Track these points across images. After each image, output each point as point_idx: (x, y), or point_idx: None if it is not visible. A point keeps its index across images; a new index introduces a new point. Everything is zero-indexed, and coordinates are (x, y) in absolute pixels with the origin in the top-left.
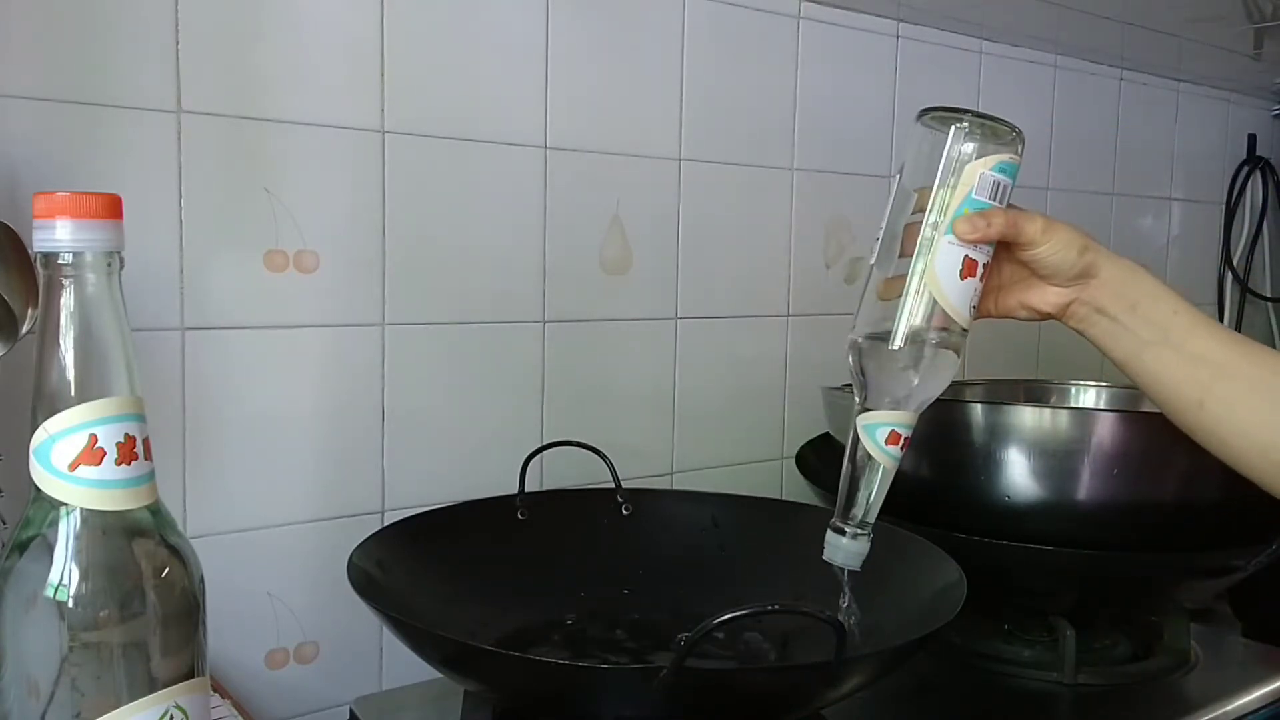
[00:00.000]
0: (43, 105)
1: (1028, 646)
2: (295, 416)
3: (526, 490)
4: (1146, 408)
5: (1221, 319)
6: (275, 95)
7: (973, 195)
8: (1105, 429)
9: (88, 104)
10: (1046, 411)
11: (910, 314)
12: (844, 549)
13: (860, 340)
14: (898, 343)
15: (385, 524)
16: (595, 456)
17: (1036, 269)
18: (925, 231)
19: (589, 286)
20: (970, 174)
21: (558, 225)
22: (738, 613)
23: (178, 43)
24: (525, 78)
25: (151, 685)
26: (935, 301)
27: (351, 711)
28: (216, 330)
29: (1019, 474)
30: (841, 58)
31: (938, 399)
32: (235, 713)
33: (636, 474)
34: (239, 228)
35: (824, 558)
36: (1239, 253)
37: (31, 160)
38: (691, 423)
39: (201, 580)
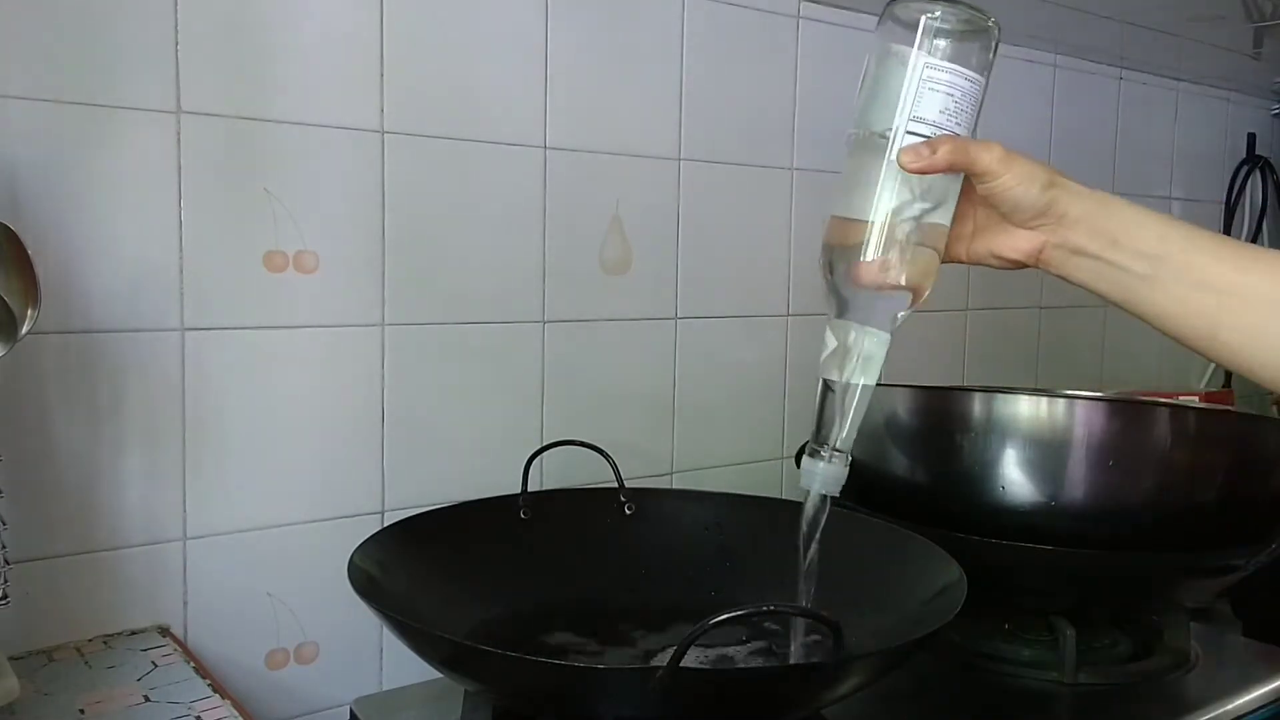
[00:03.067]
0: (43, 105)
1: (1028, 646)
2: (295, 416)
3: (528, 490)
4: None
5: None
6: (275, 95)
7: (917, 114)
8: (1099, 418)
9: (88, 104)
10: (1042, 400)
11: (879, 226)
12: (821, 474)
13: (829, 250)
14: (869, 255)
15: (385, 524)
16: (596, 456)
17: (998, 205)
18: (887, 144)
19: (589, 286)
20: (923, 84)
21: (558, 225)
22: (736, 613)
23: (177, 43)
24: (525, 78)
25: None
26: (903, 218)
27: (351, 711)
28: (216, 330)
29: (1012, 464)
30: (841, 58)
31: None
32: (235, 713)
33: (636, 474)
34: (239, 228)
35: (801, 485)
36: None
37: (31, 160)
38: (691, 423)
39: None
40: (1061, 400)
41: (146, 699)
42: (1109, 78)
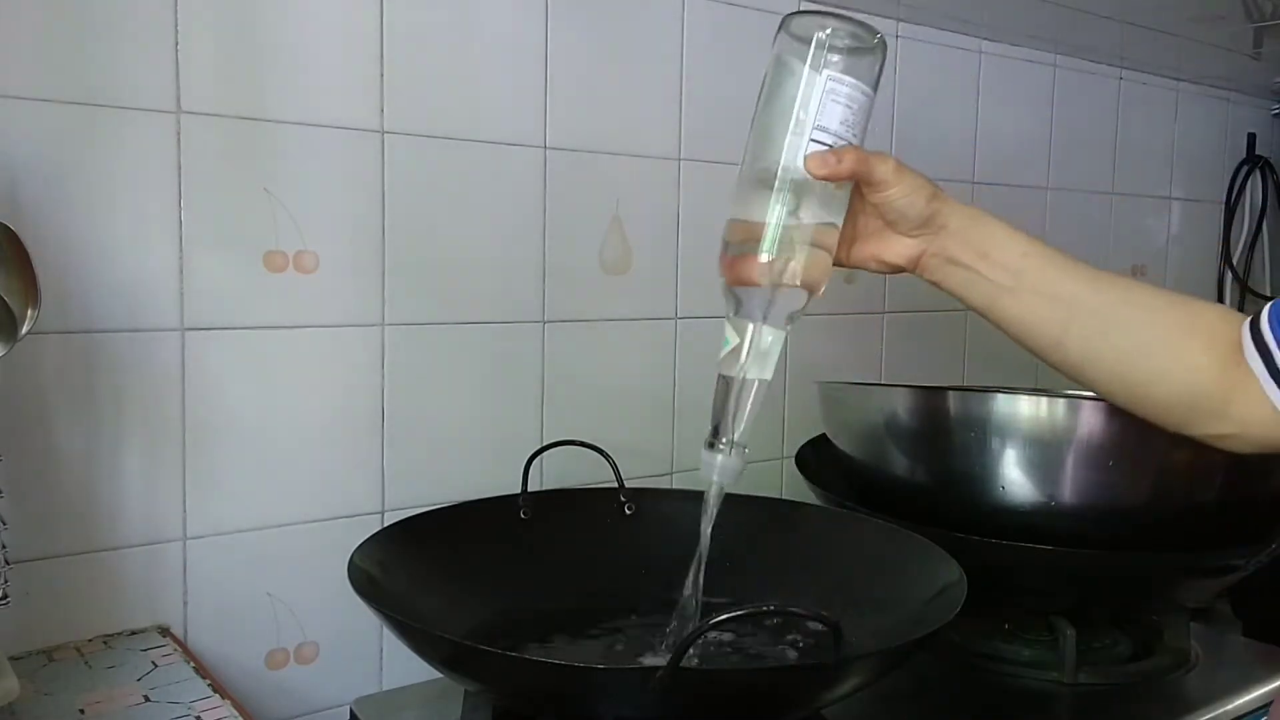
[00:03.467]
0: (43, 105)
1: (1028, 646)
2: (295, 416)
3: (528, 490)
4: None
5: None
6: (275, 95)
7: (820, 123)
8: (1099, 418)
9: (88, 104)
10: (1042, 400)
11: (774, 228)
12: (719, 466)
13: (726, 250)
14: (763, 256)
15: (385, 524)
16: (596, 456)
17: (885, 213)
18: (785, 151)
19: (589, 286)
20: (826, 96)
21: (558, 225)
22: (735, 613)
23: (177, 43)
24: (525, 78)
25: None
26: (799, 221)
27: (351, 711)
28: (216, 330)
29: (1012, 464)
30: None
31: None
32: (235, 713)
33: (636, 474)
34: (239, 228)
35: (701, 476)
36: (1238, 252)
37: (31, 160)
38: (691, 423)
39: None
40: (1061, 400)
41: (146, 699)
42: (1109, 78)
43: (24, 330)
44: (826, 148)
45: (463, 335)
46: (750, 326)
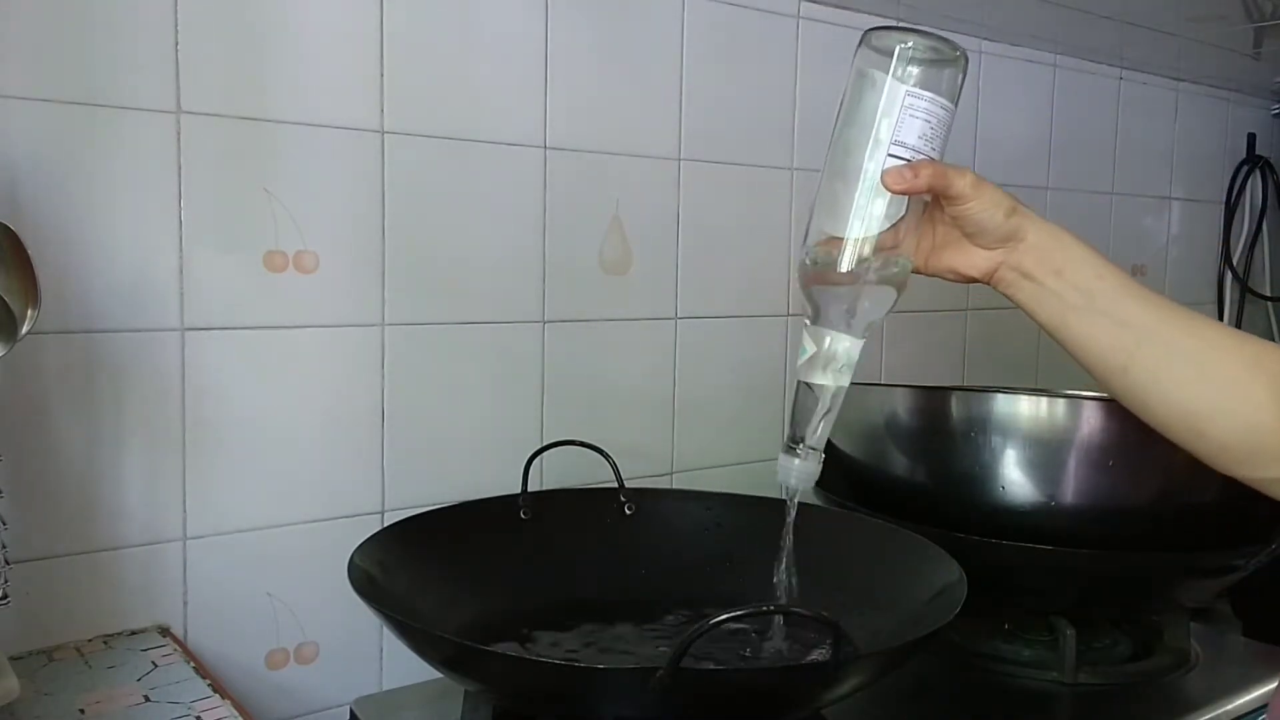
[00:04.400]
0: (43, 105)
1: (1028, 646)
2: (295, 417)
3: (528, 490)
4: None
5: (1221, 318)
6: (275, 95)
7: (899, 139)
8: (1099, 418)
9: (88, 104)
10: (1042, 400)
11: (856, 240)
12: (796, 470)
13: (808, 261)
14: (844, 266)
15: (385, 524)
16: (596, 456)
17: (964, 226)
18: (866, 165)
19: (589, 286)
20: (905, 110)
21: (558, 225)
22: (735, 613)
23: (177, 43)
24: (525, 78)
25: None
26: (877, 231)
27: (351, 711)
28: (216, 330)
29: (1012, 464)
30: (841, 58)
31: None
32: (235, 713)
33: (636, 474)
34: (239, 228)
35: (778, 480)
36: (1239, 252)
37: (31, 160)
38: (691, 423)
39: None
40: (1061, 400)
41: (146, 699)
42: (1109, 78)
43: (24, 330)
44: (904, 162)
45: (463, 335)
46: (829, 335)
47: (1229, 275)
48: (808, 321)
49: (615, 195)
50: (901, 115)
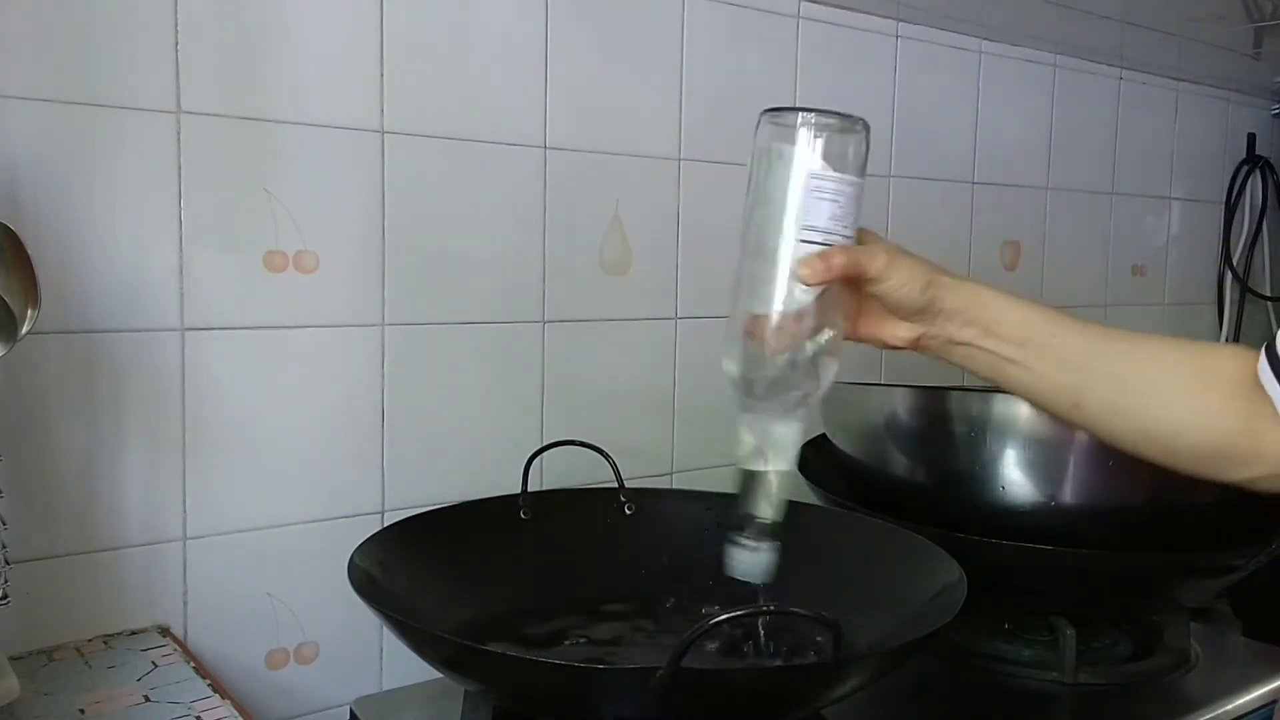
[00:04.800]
0: (43, 105)
1: (1028, 646)
2: (295, 417)
3: (528, 490)
4: None
5: (1221, 318)
6: (275, 95)
7: (808, 223)
8: None
9: (88, 104)
10: None
11: (783, 315)
12: (750, 564)
13: (735, 349)
14: (775, 344)
15: (385, 524)
16: (596, 456)
17: (883, 302)
18: (781, 247)
19: (589, 286)
20: (811, 194)
21: (558, 225)
22: (737, 612)
23: (177, 43)
24: (525, 78)
25: None
26: (801, 315)
27: (351, 711)
28: (216, 330)
29: (1012, 464)
30: (841, 57)
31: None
32: (235, 713)
33: (636, 474)
34: (239, 228)
35: (728, 572)
36: (1239, 252)
37: (31, 160)
38: (691, 423)
39: None
40: None
41: (146, 699)
42: (1109, 78)
43: (24, 330)
44: (818, 246)
45: (463, 335)
46: (766, 422)
47: (1229, 275)
48: (742, 412)
49: (615, 195)
50: (807, 199)
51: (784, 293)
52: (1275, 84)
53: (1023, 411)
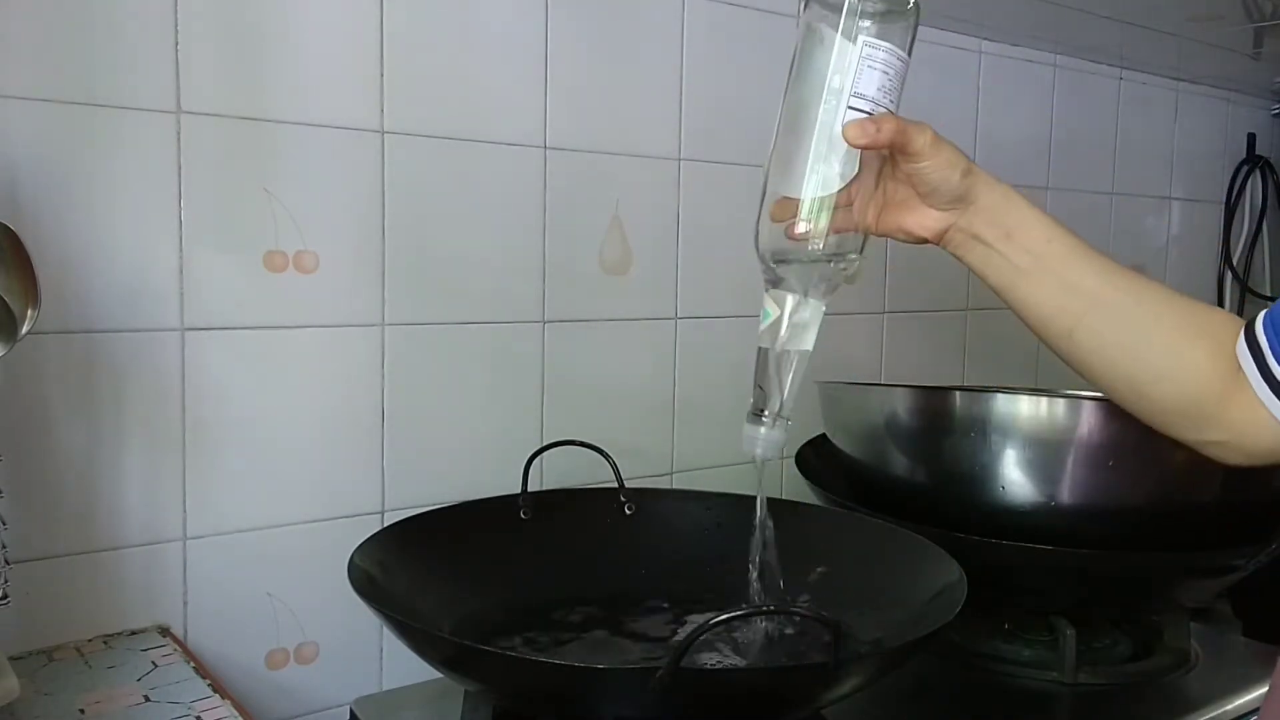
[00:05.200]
0: (43, 105)
1: (1028, 646)
2: (295, 416)
3: (528, 490)
4: None
5: None
6: (275, 95)
7: (858, 90)
8: (1099, 418)
9: (88, 104)
10: (1042, 400)
11: (812, 200)
12: (762, 439)
13: (762, 226)
14: (801, 228)
15: (385, 524)
16: (596, 456)
17: (918, 185)
18: (822, 120)
19: (589, 286)
20: (863, 61)
21: (558, 225)
22: (737, 613)
23: (177, 43)
24: (525, 78)
25: None
26: (834, 190)
27: (351, 711)
28: (216, 330)
29: (1012, 464)
30: None
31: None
32: (235, 713)
33: (636, 474)
34: (239, 228)
35: (744, 449)
36: (1239, 252)
37: (31, 160)
38: (691, 423)
39: None
40: (1061, 400)
41: (146, 699)
42: (1109, 78)
43: (24, 330)
44: (865, 115)
45: (463, 335)
46: (790, 298)
47: (1229, 275)
48: (767, 288)
49: (615, 195)
50: (860, 66)
51: (819, 171)
52: (1275, 84)
53: (1023, 411)
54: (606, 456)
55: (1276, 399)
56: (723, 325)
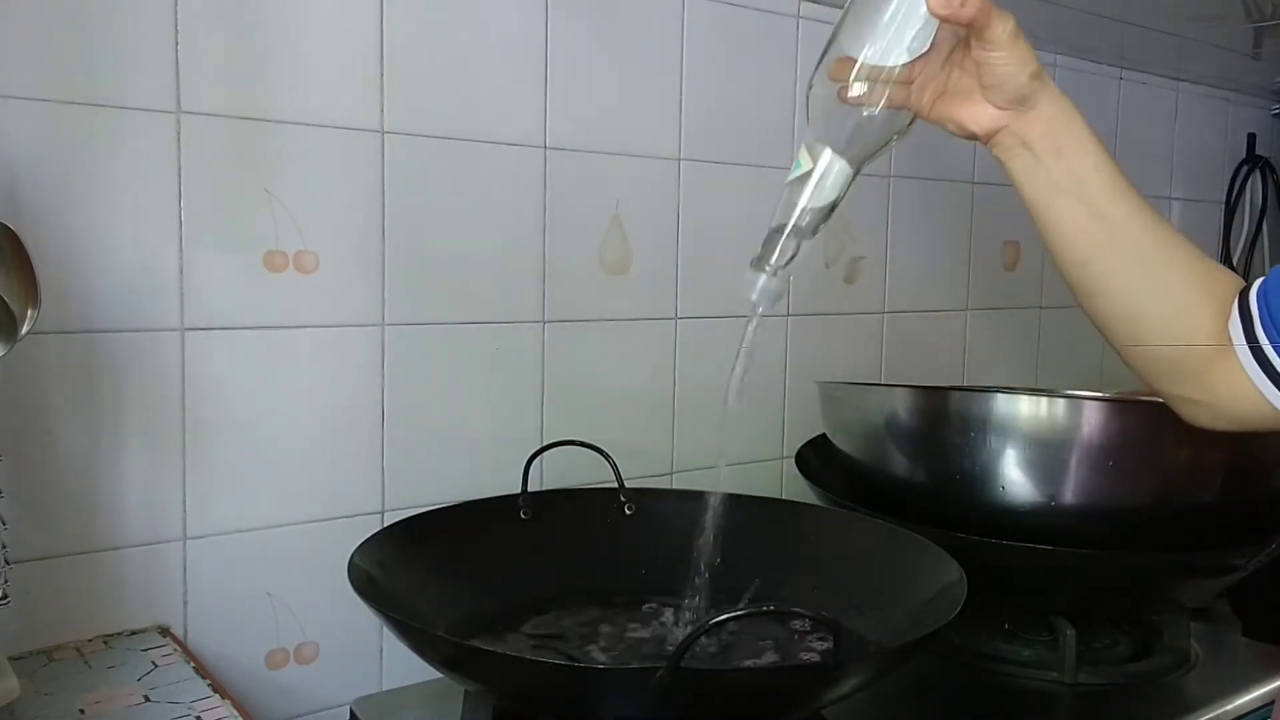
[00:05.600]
0: (43, 105)
1: (1028, 646)
2: (295, 416)
3: (528, 490)
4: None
5: None
6: (275, 95)
7: None
8: (1099, 418)
9: (88, 104)
10: (1042, 400)
11: (873, 67)
12: (761, 287)
13: (816, 78)
14: (856, 90)
15: (385, 524)
16: (596, 456)
17: (985, 76)
18: None
19: (589, 286)
20: None
21: (558, 225)
22: (737, 613)
23: (177, 43)
24: (525, 78)
25: None
26: (898, 62)
27: (351, 711)
28: (216, 330)
29: (1012, 464)
30: None
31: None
32: (235, 713)
33: (636, 474)
34: (238, 228)
35: (741, 294)
36: (1239, 252)
37: (31, 160)
38: (691, 423)
39: None
40: (1061, 400)
41: (146, 699)
42: (1109, 78)
43: (24, 330)
44: None
45: (463, 335)
46: (825, 153)
47: None
48: (809, 138)
49: (615, 195)
50: None
51: (889, 37)
52: (1275, 84)
53: (1023, 411)
54: (606, 456)
55: (1259, 368)
56: (723, 325)
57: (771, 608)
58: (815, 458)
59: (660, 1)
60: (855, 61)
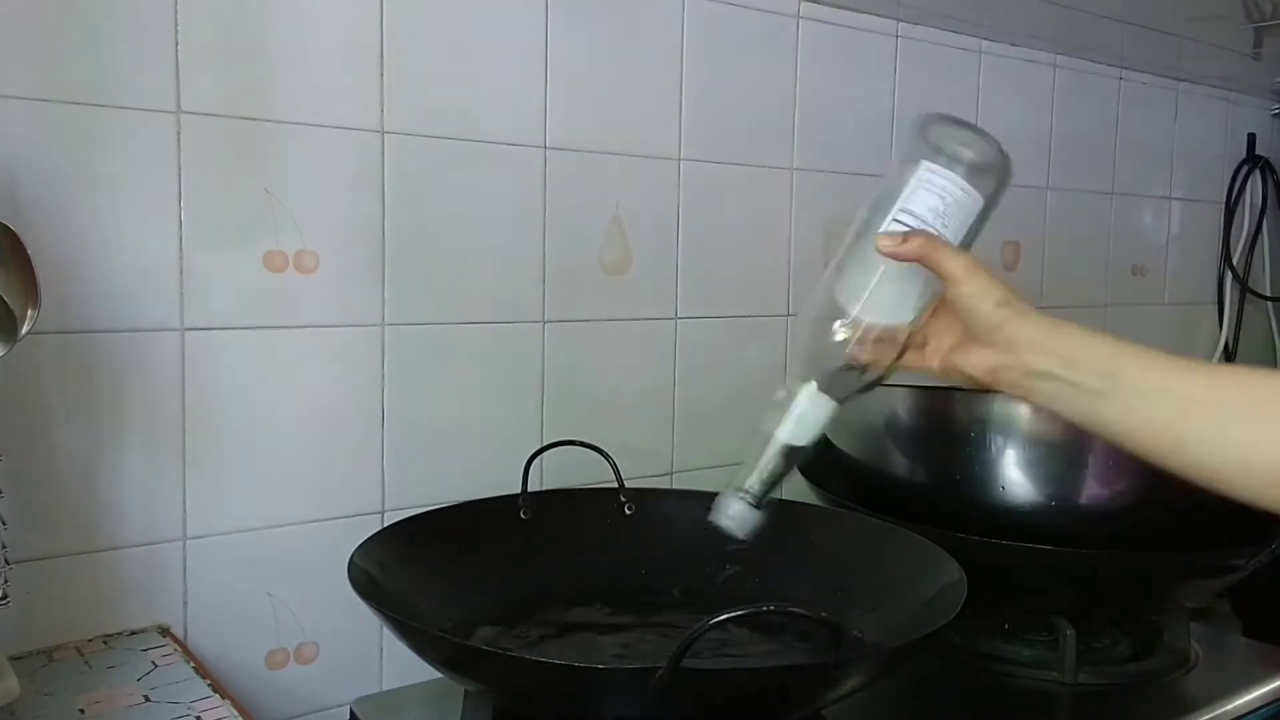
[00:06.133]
0: (43, 105)
1: (1028, 646)
2: (295, 416)
3: (528, 490)
4: None
5: (1221, 318)
6: (275, 95)
7: (907, 206)
8: None
9: (88, 104)
10: None
11: (852, 305)
12: (732, 514)
13: (805, 323)
14: (840, 334)
15: (385, 524)
16: (596, 456)
17: (957, 313)
18: (869, 228)
19: (589, 286)
20: (920, 183)
21: (558, 225)
22: (736, 613)
23: (177, 43)
24: (525, 78)
25: None
26: (875, 303)
27: (351, 711)
28: (216, 330)
29: (1012, 464)
30: (841, 58)
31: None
32: (235, 713)
33: (636, 474)
34: (239, 228)
35: (708, 519)
36: (1239, 252)
37: (31, 160)
38: (691, 423)
39: None
40: None
41: (146, 699)
42: (1109, 78)
43: (24, 330)
44: (905, 228)
45: (463, 335)
46: (806, 391)
47: (1229, 275)
48: (795, 372)
49: (615, 195)
50: (916, 187)
51: (862, 283)
52: (1275, 84)
53: (1023, 411)
54: (606, 456)
55: None
56: (723, 325)
57: (771, 608)
58: (815, 458)
59: (660, 1)
60: (843, 306)
